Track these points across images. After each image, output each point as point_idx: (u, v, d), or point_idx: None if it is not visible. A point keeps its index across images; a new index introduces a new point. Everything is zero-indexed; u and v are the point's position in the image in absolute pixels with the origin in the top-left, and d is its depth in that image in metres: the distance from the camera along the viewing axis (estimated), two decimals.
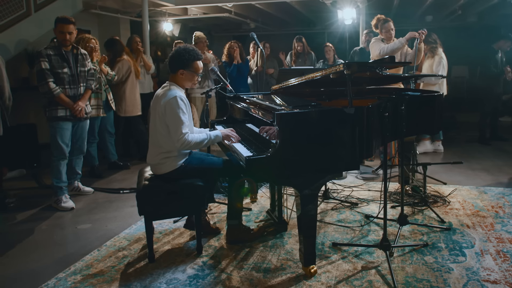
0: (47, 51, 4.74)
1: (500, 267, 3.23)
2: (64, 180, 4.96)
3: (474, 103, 8.61)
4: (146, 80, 7.38)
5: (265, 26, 13.75)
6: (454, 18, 11.48)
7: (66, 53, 4.85)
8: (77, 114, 4.89)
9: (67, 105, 4.83)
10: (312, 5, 10.62)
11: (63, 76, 4.81)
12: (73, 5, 7.93)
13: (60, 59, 4.80)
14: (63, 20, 4.78)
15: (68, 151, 4.95)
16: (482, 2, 10.16)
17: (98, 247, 3.81)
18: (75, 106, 4.86)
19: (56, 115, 4.82)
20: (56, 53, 4.79)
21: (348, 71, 3.10)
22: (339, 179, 5.58)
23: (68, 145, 4.94)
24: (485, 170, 5.96)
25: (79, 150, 5.21)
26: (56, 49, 4.80)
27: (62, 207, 4.86)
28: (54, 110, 4.82)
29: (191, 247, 3.75)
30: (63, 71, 4.80)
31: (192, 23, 12.71)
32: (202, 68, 3.64)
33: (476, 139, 8.00)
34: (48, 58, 4.72)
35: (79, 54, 4.97)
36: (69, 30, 4.77)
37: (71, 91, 4.88)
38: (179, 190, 3.44)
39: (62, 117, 4.85)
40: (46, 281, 3.23)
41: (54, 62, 4.75)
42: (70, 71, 4.86)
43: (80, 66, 4.96)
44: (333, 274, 3.20)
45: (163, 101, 3.39)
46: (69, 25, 4.77)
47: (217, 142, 3.67)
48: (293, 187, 3.15)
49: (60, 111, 4.83)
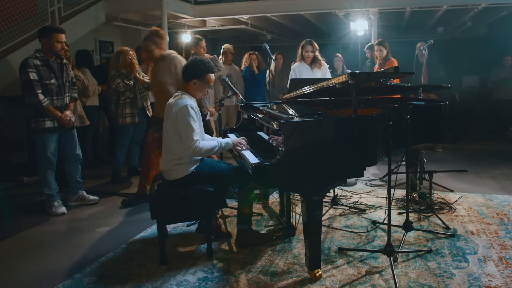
0: (34, 62, 4.58)
1: (502, 273, 3.18)
2: (54, 187, 4.90)
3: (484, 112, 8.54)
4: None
5: (281, 38, 13.79)
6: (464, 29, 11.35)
7: (52, 63, 4.73)
8: (65, 125, 4.82)
9: (55, 116, 4.73)
10: (326, 17, 10.61)
11: (51, 87, 4.70)
12: (96, 17, 8.09)
13: (48, 69, 4.68)
14: (59, 30, 4.72)
15: (55, 160, 4.87)
16: (492, 14, 10.04)
17: (114, 249, 3.85)
18: (62, 117, 4.78)
19: (43, 126, 4.72)
20: (43, 64, 4.65)
21: (352, 81, 3.10)
22: (348, 186, 5.55)
23: (55, 155, 4.87)
24: (492, 178, 5.86)
25: (75, 158, 5.12)
26: (42, 60, 4.66)
27: (54, 212, 4.83)
28: (41, 121, 4.70)
29: (202, 250, 3.76)
30: (50, 82, 4.69)
31: (210, 34, 12.79)
32: (214, 80, 3.67)
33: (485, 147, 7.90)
34: (35, 68, 4.57)
35: (63, 64, 4.88)
36: (64, 39, 4.73)
37: (58, 101, 4.77)
38: (189, 196, 3.47)
39: (50, 129, 4.75)
40: (63, 281, 3.27)
41: (42, 73, 4.62)
42: (57, 81, 4.75)
43: (65, 75, 4.87)
44: (338, 278, 3.18)
45: (174, 110, 3.43)
46: (63, 35, 4.72)
47: (227, 149, 3.70)
48: (298, 194, 3.15)
49: (48, 123, 4.73)
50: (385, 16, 9.51)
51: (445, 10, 8.96)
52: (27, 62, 4.57)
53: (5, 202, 4.84)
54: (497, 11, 9.53)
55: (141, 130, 6.40)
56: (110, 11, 8.37)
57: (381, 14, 9.00)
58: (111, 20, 8.65)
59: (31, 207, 5.15)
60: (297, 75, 5.84)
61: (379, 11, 8.81)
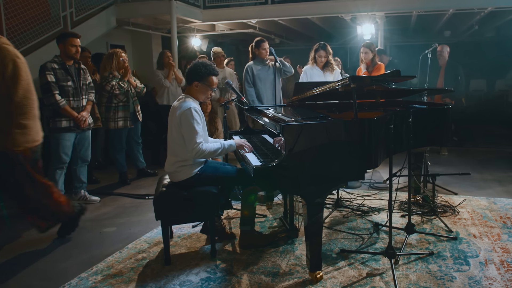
0: (52, 65, 4.81)
1: (503, 276, 3.14)
2: (60, 188, 4.94)
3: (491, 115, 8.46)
4: (177, 92, 7.45)
5: (289, 41, 13.79)
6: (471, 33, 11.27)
7: (69, 67, 4.93)
8: (81, 125, 4.96)
9: (71, 116, 4.89)
10: (333, 21, 10.60)
11: (68, 88, 4.89)
12: (107, 22, 8.15)
13: (65, 72, 4.88)
14: (74, 35, 4.92)
15: (68, 161, 4.99)
16: (499, 18, 9.97)
17: (120, 249, 3.86)
18: (79, 117, 4.93)
19: (60, 126, 4.87)
20: (61, 67, 4.86)
21: (353, 85, 3.09)
22: (352, 188, 5.52)
23: (68, 156, 4.98)
24: (497, 181, 5.80)
25: (83, 158, 5.24)
26: (60, 64, 4.87)
27: None
28: (58, 121, 4.87)
29: (206, 251, 3.77)
30: (67, 84, 4.88)
31: (220, 38, 12.83)
32: (216, 83, 3.68)
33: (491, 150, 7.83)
34: (53, 71, 4.78)
35: (80, 69, 5.06)
36: (79, 43, 4.91)
37: (74, 103, 4.95)
38: (193, 197, 3.48)
39: (66, 128, 4.91)
40: (69, 280, 3.30)
41: (59, 75, 4.82)
42: (73, 84, 4.94)
43: (82, 79, 5.05)
44: (339, 280, 3.17)
45: (178, 113, 3.44)
46: (78, 39, 4.91)
47: (231, 151, 3.70)
48: (300, 196, 3.14)
49: (64, 122, 4.89)
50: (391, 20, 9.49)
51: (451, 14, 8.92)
52: (45, 66, 4.80)
53: (3, 204, 4.87)
54: (504, 14, 9.45)
55: (136, 131, 6.43)
56: (120, 16, 8.44)
57: (387, 18, 8.98)
58: (122, 24, 8.72)
59: None
60: (308, 78, 5.80)
61: (386, 15, 8.78)
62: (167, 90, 7.21)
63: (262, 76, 5.82)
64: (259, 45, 5.80)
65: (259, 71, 5.83)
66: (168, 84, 7.15)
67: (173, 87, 7.24)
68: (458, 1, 8.09)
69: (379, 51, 7.46)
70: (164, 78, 7.12)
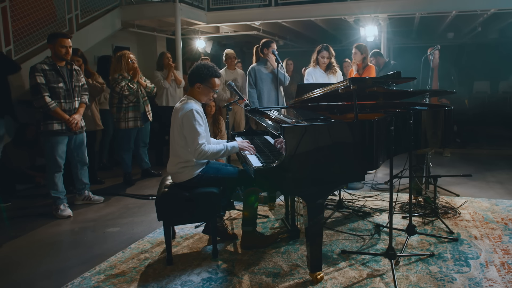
0: (42, 66, 4.68)
1: (503, 278, 3.12)
2: (61, 190, 4.91)
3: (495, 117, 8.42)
4: (177, 93, 7.47)
5: (293, 43, 13.78)
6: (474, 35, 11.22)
7: (61, 68, 4.80)
8: (72, 128, 4.85)
9: (62, 118, 4.77)
10: (336, 23, 10.58)
11: (59, 90, 4.76)
12: (112, 24, 8.17)
13: (55, 74, 4.75)
14: (64, 35, 4.79)
15: (63, 163, 4.90)
16: (502, 19, 9.92)
17: (123, 249, 3.87)
18: (70, 119, 4.82)
19: (51, 129, 4.75)
20: (51, 69, 4.73)
21: (354, 86, 3.08)
22: (354, 190, 5.52)
23: (63, 158, 4.89)
24: (499, 183, 5.77)
25: (81, 162, 5.18)
26: (51, 65, 4.74)
27: (59, 215, 4.83)
28: (49, 124, 4.75)
29: (208, 251, 3.77)
30: (58, 85, 4.75)
31: (224, 40, 12.83)
32: (218, 85, 3.68)
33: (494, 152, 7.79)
34: (43, 72, 4.65)
35: (73, 70, 4.95)
36: (69, 44, 4.79)
37: (66, 105, 4.82)
38: (195, 198, 3.48)
39: (58, 131, 4.78)
40: (72, 280, 3.31)
41: (50, 77, 4.69)
42: (65, 85, 4.81)
43: (74, 81, 4.93)
44: (339, 280, 3.16)
45: (180, 114, 3.45)
46: (69, 40, 4.79)
47: (233, 152, 3.70)
48: (300, 197, 3.14)
49: (56, 125, 4.77)
50: (394, 22, 9.46)
51: (454, 15, 8.87)
52: (35, 67, 4.68)
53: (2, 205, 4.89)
54: (507, 16, 9.40)
55: (145, 132, 6.45)
56: (125, 18, 8.45)
57: (390, 20, 8.95)
58: (127, 26, 8.73)
59: (45, 207, 5.19)
60: (314, 80, 5.79)
61: (389, 17, 8.76)
62: (166, 91, 7.25)
63: (264, 78, 5.82)
64: (269, 45, 5.81)
65: (262, 73, 5.83)
66: (167, 85, 7.18)
67: (172, 88, 7.26)
68: (461, 3, 8.05)
69: (375, 53, 7.45)
70: (163, 79, 7.16)
